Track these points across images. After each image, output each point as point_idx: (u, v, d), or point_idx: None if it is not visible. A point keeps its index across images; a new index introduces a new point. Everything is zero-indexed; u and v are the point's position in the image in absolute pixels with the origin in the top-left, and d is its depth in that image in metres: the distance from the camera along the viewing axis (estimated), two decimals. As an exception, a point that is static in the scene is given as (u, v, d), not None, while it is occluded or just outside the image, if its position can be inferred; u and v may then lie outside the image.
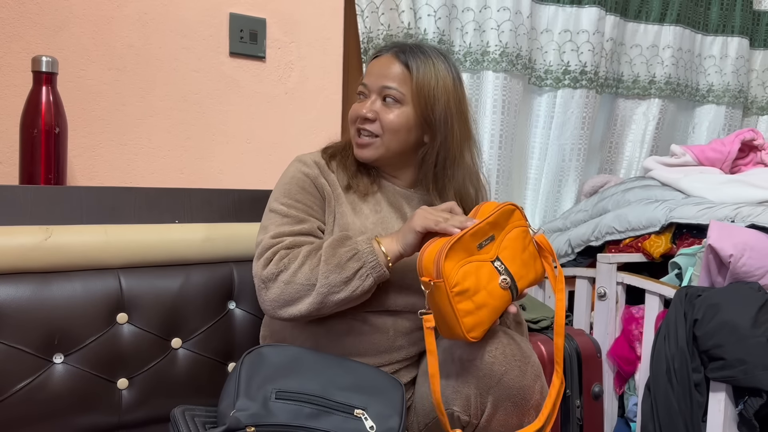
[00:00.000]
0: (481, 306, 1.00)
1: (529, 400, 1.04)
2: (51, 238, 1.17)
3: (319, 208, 1.19)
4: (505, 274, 1.04)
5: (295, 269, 1.08)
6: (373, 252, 1.08)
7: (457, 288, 0.98)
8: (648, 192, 1.89)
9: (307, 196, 1.19)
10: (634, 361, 1.68)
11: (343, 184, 1.21)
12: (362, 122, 1.19)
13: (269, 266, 1.09)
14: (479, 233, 1.04)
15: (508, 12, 1.94)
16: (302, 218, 1.16)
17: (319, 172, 1.21)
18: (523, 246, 1.09)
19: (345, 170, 1.23)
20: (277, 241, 1.12)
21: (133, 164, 1.56)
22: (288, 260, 1.09)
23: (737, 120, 2.49)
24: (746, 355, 1.35)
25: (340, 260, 1.07)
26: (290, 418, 0.95)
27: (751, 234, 1.50)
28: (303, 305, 1.07)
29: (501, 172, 2.03)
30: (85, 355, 1.16)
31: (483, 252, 1.04)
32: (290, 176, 1.21)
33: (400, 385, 1.09)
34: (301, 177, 1.20)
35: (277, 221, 1.16)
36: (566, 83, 2.11)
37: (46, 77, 1.31)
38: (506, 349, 1.04)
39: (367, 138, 1.19)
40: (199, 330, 1.28)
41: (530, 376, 1.04)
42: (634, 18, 2.26)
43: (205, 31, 1.62)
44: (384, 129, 1.18)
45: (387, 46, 1.23)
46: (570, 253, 1.94)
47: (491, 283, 1.02)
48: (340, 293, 1.07)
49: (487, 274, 1.03)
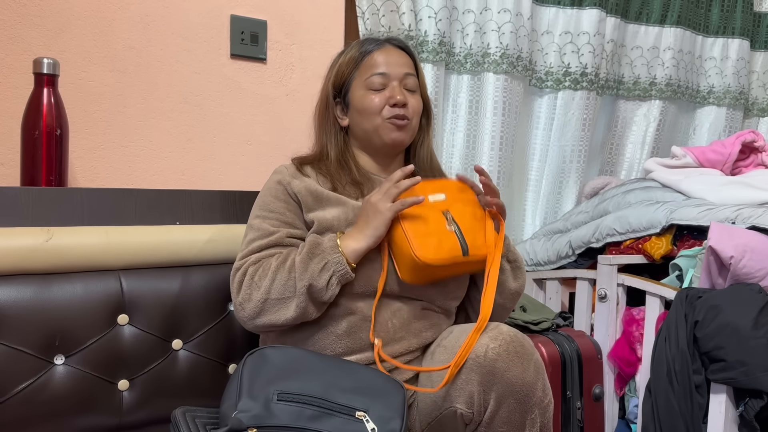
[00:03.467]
0: (428, 234, 1.14)
1: (531, 396, 1.05)
2: (52, 240, 1.17)
3: (292, 214, 1.23)
4: (452, 222, 1.17)
5: (267, 287, 1.14)
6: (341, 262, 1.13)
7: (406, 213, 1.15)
8: (649, 193, 1.89)
9: (280, 204, 1.23)
10: (634, 362, 1.67)
11: (327, 186, 1.25)
12: (400, 106, 1.25)
13: (241, 290, 1.16)
14: (429, 186, 1.20)
15: (508, 14, 1.95)
16: (271, 231, 1.21)
17: (291, 178, 1.25)
18: (472, 210, 1.22)
19: (326, 175, 1.27)
20: (242, 262, 1.19)
21: (134, 166, 1.56)
22: (258, 278, 1.15)
23: (738, 122, 2.49)
24: (747, 356, 1.35)
25: (312, 273, 1.12)
26: (292, 420, 0.96)
27: (751, 236, 1.50)
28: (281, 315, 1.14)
29: (501, 174, 2.03)
30: (85, 356, 1.16)
31: (434, 204, 1.19)
32: (266, 188, 1.27)
33: (402, 387, 1.09)
34: (274, 186, 1.26)
35: (250, 237, 1.22)
36: (567, 85, 2.11)
37: (47, 79, 1.31)
38: (509, 346, 1.05)
39: (403, 121, 1.26)
40: (200, 331, 1.28)
41: (532, 373, 1.05)
42: (634, 20, 2.26)
43: (206, 33, 1.62)
44: (413, 113, 1.28)
45: (376, 41, 1.31)
46: (570, 255, 1.94)
47: (440, 224, 1.17)
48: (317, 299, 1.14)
49: (436, 217, 1.18)
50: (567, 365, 1.57)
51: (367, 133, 1.28)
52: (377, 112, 1.25)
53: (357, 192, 1.25)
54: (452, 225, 1.17)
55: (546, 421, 1.08)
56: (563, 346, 1.58)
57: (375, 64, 1.26)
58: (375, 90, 1.25)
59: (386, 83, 1.26)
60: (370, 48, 1.28)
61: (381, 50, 1.28)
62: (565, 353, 1.57)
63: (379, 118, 1.25)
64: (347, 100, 1.30)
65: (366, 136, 1.29)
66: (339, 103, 1.31)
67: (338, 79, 1.30)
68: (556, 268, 1.99)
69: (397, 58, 1.28)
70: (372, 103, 1.25)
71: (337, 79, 1.30)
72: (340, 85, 1.30)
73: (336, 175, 1.26)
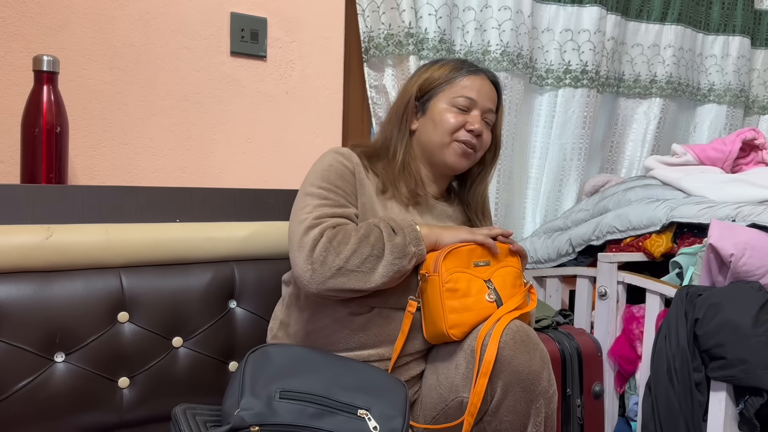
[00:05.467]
0: (466, 309, 1.12)
1: (537, 385, 1.06)
2: (52, 237, 1.17)
3: (354, 198, 1.22)
4: (493, 292, 1.16)
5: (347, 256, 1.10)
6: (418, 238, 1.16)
7: (449, 285, 1.12)
8: (649, 191, 1.89)
9: (346, 184, 1.22)
10: (634, 360, 1.67)
11: (378, 187, 1.25)
12: (475, 136, 1.28)
13: (315, 251, 1.10)
14: (476, 252, 1.19)
15: (509, 11, 1.94)
16: (341, 203, 1.19)
17: (355, 166, 1.24)
18: (513, 281, 1.21)
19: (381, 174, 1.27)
20: (317, 221, 1.14)
21: (135, 163, 1.56)
22: (337, 243, 1.11)
23: (738, 119, 2.49)
24: (747, 354, 1.35)
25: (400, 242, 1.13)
26: (294, 418, 0.96)
27: (751, 233, 1.50)
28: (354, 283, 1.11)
29: (502, 172, 2.03)
30: (86, 353, 1.16)
31: (478, 270, 1.18)
32: (328, 164, 1.23)
33: (404, 385, 1.10)
34: (339, 166, 1.22)
35: (316, 203, 1.17)
36: (567, 82, 2.11)
37: (47, 76, 1.31)
38: (515, 335, 1.07)
39: (471, 150, 1.29)
40: (200, 329, 1.28)
41: (538, 362, 1.07)
42: (635, 17, 2.25)
43: (206, 30, 1.62)
44: (482, 147, 1.31)
45: (478, 68, 1.32)
46: (571, 253, 1.94)
47: (479, 294, 1.15)
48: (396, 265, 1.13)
49: (478, 286, 1.16)
50: (567, 363, 1.57)
51: (432, 145, 1.29)
52: (451, 132, 1.27)
53: (409, 200, 1.27)
54: (493, 295, 1.16)
55: (550, 412, 1.09)
56: (563, 344, 1.58)
57: (467, 87, 1.28)
58: (458, 109, 1.27)
59: (470, 108, 1.28)
60: (468, 70, 1.30)
61: (477, 77, 1.30)
62: (565, 351, 1.57)
63: (450, 137, 1.27)
64: (426, 107, 1.30)
65: (429, 148, 1.30)
66: (418, 106, 1.32)
67: (426, 84, 1.31)
68: (556, 265, 1.99)
69: (488, 91, 1.31)
70: (450, 121, 1.27)
71: (425, 84, 1.31)
72: (426, 90, 1.31)
73: (398, 178, 1.27)
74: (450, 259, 1.14)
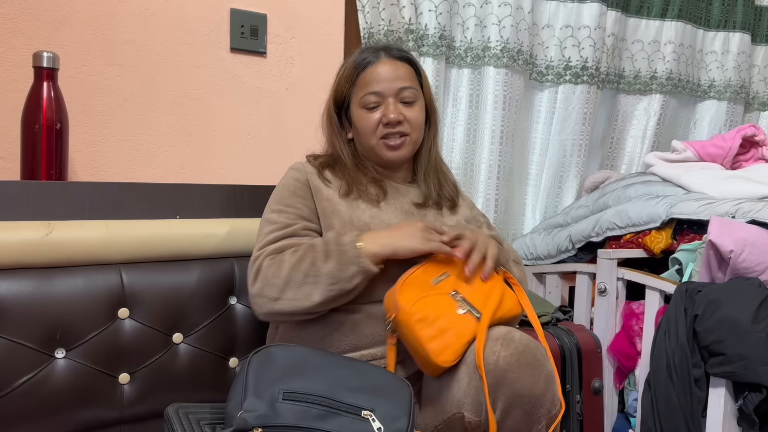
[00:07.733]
0: (444, 330, 1.06)
1: (539, 408, 1.03)
2: (52, 234, 1.17)
3: (308, 210, 1.24)
4: (463, 302, 1.10)
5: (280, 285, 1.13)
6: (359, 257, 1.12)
7: (417, 316, 1.06)
8: (649, 188, 1.89)
9: (297, 199, 1.24)
10: (634, 356, 1.68)
11: (342, 191, 1.25)
12: (393, 126, 1.25)
13: (256, 283, 1.15)
14: (431, 270, 1.13)
15: (509, 7, 1.94)
16: (288, 223, 1.21)
17: (308, 175, 1.26)
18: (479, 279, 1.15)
19: (342, 178, 1.27)
20: (259, 253, 1.18)
21: (135, 159, 1.56)
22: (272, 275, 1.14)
23: (738, 116, 2.49)
24: (746, 350, 1.35)
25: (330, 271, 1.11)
26: (298, 420, 0.94)
27: (751, 230, 1.50)
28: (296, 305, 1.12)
29: (502, 168, 2.03)
30: (86, 349, 1.16)
31: (439, 287, 1.12)
32: (282, 184, 1.28)
33: (408, 385, 1.08)
34: (291, 182, 1.26)
35: (267, 229, 1.21)
36: (567, 79, 2.11)
37: (47, 73, 1.31)
38: (521, 356, 1.03)
39: (399, 139, 1.26)
40: (201, 325, 1.29)
41: (542, 385, 1.03)
42: (635, 13, 2.25)
43: (206, 26, 1.62)
44: (412, 126, 1.27)
45: (372, 52, 1.28)
46: (570, 249, 1.94)
47: (450, 311, 1.09)
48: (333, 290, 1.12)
49: (445, 304, 1.10)
50: (566, 359, 1.57)
51: (367, 150, 1.30)
52: (372, 132, 1.26)
53: (378, 191, 1.27)
54: (464, 306, 1.10)
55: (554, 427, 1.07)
56: (563, 340, 1.58)
57: (369, 82, 1.25)
58: (369, 109, 1.25)
59: (380, 101, 1.25)
60: (365, 62, 1.27)
61: (376, 64, 1.26)
62: (564, 347, 1.57)
63: (375, 138, 1.26)
64: (349, 116, 1.30)
65: (367, 152, 1.31)
66: (343, 118, 1.32)
67: (338, 95, 1.31)
68: (556, 262, 1.99)
69: (391, 72, 1.25)
70: (367, 123, 1.26)
71: (337, 96, 1.31)
72: (341, 102, 1.31)
73: (356, 178, 1.27)
74: (406, 290, 1.09)
